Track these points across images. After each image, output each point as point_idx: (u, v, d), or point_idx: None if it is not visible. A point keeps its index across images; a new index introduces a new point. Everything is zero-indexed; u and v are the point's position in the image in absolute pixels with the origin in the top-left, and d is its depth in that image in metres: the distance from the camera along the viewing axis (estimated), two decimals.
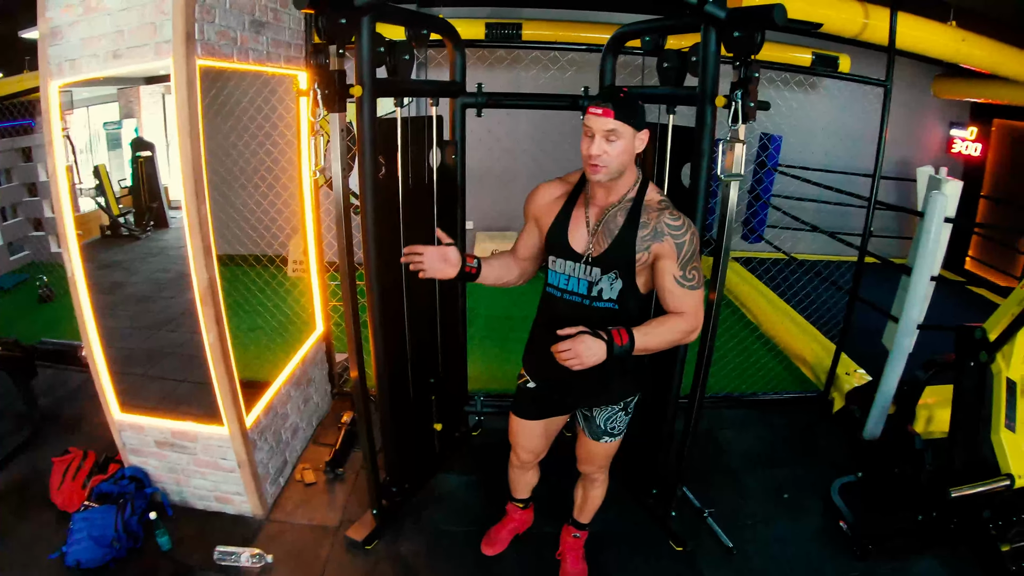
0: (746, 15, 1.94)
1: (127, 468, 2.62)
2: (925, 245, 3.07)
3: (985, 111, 6.99)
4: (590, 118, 1.66)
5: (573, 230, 1.82)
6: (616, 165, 1.69)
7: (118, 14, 2.01)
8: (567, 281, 1.84)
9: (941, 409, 3.24)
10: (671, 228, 1.73)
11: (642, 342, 1.69)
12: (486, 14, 5.61)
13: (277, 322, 3.83)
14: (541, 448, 2.24)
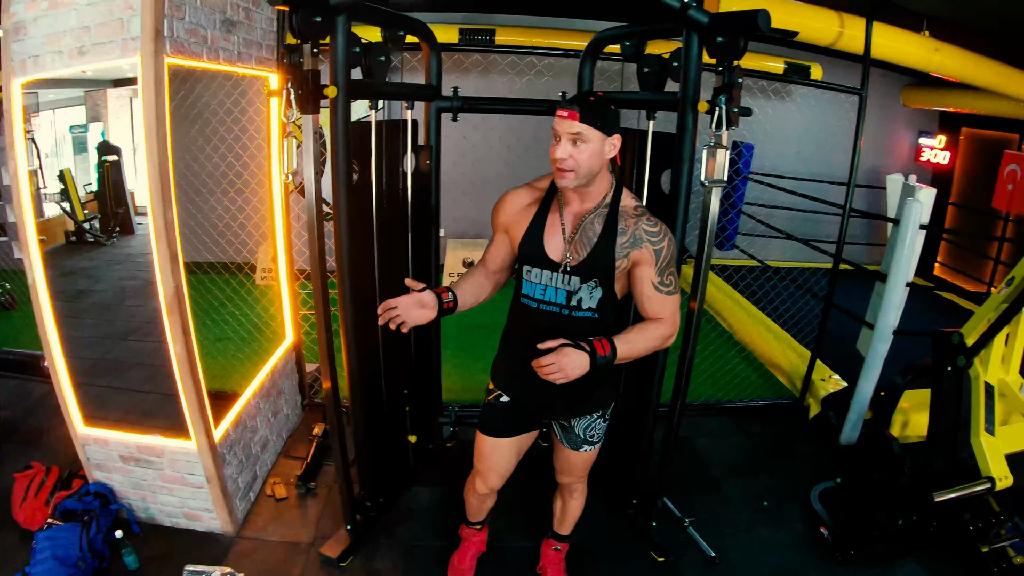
0: (730, 21, 1.93)
1: (91, 484, 2.51)
2: (901, 252, 3.10)
3: (953, 120, 7.17)
4: (557, 121, 1.62)
5: (549, 238, 1.75)
6: (584, 170, 1.63)
7: (84, 9, 1.91)
8: (543, 291, 1.76)
9: (917, 413, 3.27)
10: (649, 234, 1.71)
11: (624, 351, 1.67)
12: (459, 19, 5.58)
13: (246, 331, 3.73)
14: (510, 470, 2.10)
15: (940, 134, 7.30)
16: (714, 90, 1.98)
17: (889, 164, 7.20)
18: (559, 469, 2.16)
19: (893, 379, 2.83)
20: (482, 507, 2.32)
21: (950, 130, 7.23)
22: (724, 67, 1.95)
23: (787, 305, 4.80)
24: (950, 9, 3.40)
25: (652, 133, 2.50)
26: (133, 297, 3.80)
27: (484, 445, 2.04)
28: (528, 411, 1.98)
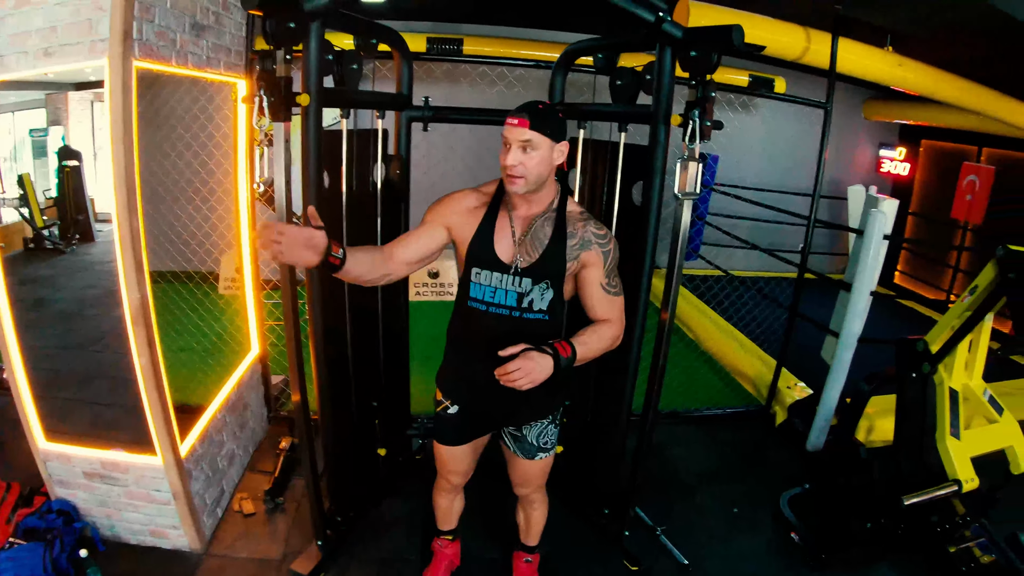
0: (704, 36, 1.96)
1: (54, 501, 2.42)
2: (865, 262, 3.18)
3: (913, 132, 7.41)
4: (507, 128, 1.65)
5: (498, 240, 1.77)
6: (533, 176, 1.67)
7: (52, 8, 1.86)
8: (493, 293, 1.76)
9: (881, 419, 3.35)
10: (597, 237, 1.78)
11: (582, 352, 1.71)
12: (428, 28, 5.56)
13: (210, 342, 3.65)
14: (471, 467, 2.15)
15: (900, 146, 7.53)
16: (687, 104, 2.01)
17: (850, 175, 7.40)
18: (516, 481, 2.14)
19: (859, 386, 2.90)
20: (451, 509, 2.32)
21: (910, 142, 7.46)
22: (697, 81, 1.99)
23: (752, 314, 4.90)
24: (912, 26, 3.52)
25: (624, 145, 2.52)
26: (95, 306, 3.69)
27: (441, 452, 2.08)
28: (477, 419, 1.98)
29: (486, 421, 1.99)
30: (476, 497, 2.57)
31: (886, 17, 3.45)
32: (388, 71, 3.00)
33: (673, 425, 3.80)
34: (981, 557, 2.44)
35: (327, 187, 2.27)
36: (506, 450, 2.06)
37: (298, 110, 1.94)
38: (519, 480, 2.12)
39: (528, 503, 2.23)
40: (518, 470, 2.08)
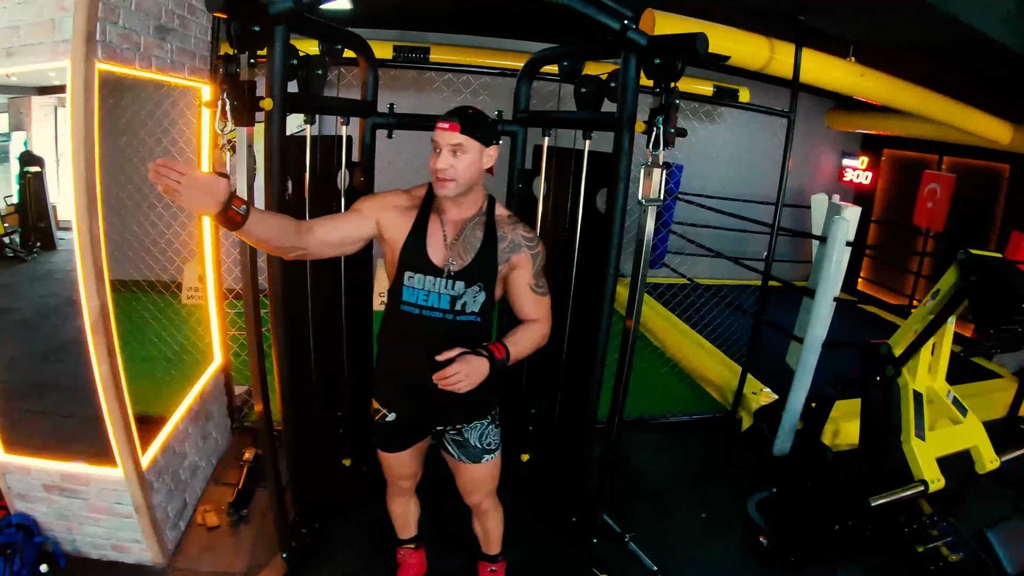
0: (668, 43, 2.00)
1: (14, 515, 2.34)
2: (828, 268, 3.26)
3: (875, 142, 7.61)
4: (437, 133, 1.69)
5: (431, 244, 1.79)
6: (464, 180, 1.71)
7: (14, 7, 1.83)
8: (426, 297, 1.77)
9: (847, 422, 3.42)
10: (526, 240, 1.85)
11: (514, 352, 1.79)
12: (394, 37, 5.57)
13: (172, 352, 3.56)
14: (417, 470, 2.15)
15: (863, 155, 7.72)
16: (651, 111, 2.03)
17: (813, 184, 7.55)
18: (466, 491, 2.11)
19: (824, 390, 2.95)
20: (407, 515, 2.31)
21: (872, 151, 7.66)
22: (661, 88, 2.01)
23: (717, 321, 4.96)
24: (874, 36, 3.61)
25: (588, 153, 2.53)
26: (55, 316, 3.59)
27: (385, 459, 2.07)
28: (415, 425, 1.98)
29: (424, 425, 2.00)
30: (441, 506, 2.57)
31: (848, 28, 3.53)
32: (353, 78, 2.98)
33: (640, 432, 3.82)
34: (949, 556, 2.50)
35: (291, 193, 2.24)
36: (451, 460, 2.04)
37: (261, 115, 1.92)
38: (469, 488, 2.10)
39: (481, 512, 2.21)
40: (466, 477, 2.06)
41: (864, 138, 7.78)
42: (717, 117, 6.94)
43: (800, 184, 7.44)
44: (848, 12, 3.18)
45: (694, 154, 6.14)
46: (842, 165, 7.90)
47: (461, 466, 2.03)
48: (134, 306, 3.77)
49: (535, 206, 2.77)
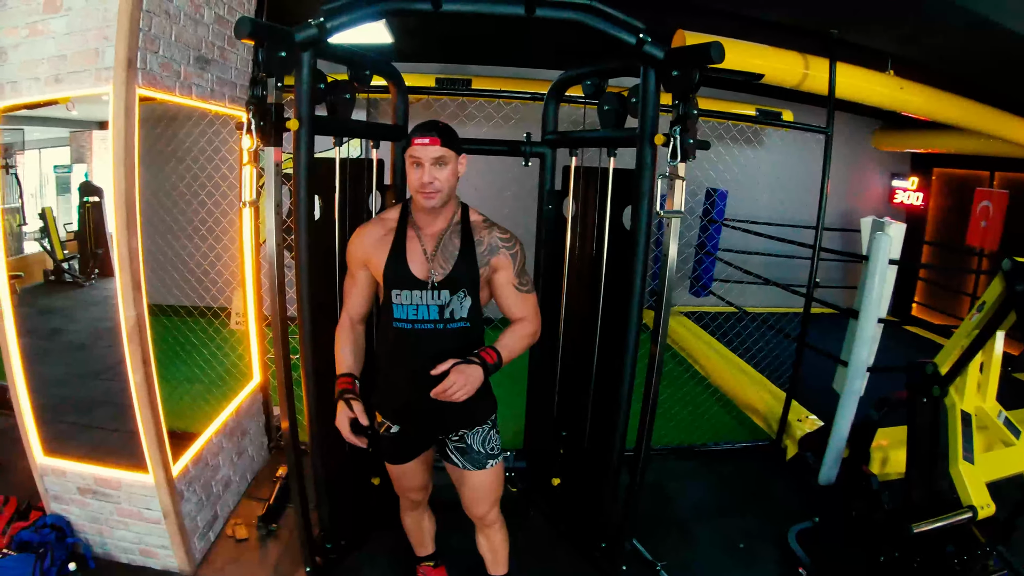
0: (684, 54, 1.99)
1: (48, 516, 2.46)
2: (871, 286, 3.13)
3: (925, 161, 7.33)
4: (418, 149, 1.76)
5: (411, 260, 1.85)
6: (447, 189, 1.80)
7: (62, 38, 1.98)
8: (415, 311, 1.83)
9: (895, 451, 3.24)
10: (503, 242, 1.91)
11: (505, 355, 1.84)
12: (436, 70, 5.77)
13: (216, 374, 3.69)
14: (427, 481, 2.18)
15: (912, 175, 7.44)
16: (670, 122, 2.02)
17: (862, 208, 7.30)
18: (471, 501, 2.09)
19: (867, 413, 2.81)
20: (421, 531, 2.32)
21: (922, 171, 7.38)
22: (680, 100, 2.00)
23: (763, 348, 4.83)
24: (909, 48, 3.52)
25: (613, 170, 2.53)
26: (107, 338, 3.75)
27: (393, 471, 2.10)
28: (418, 434, 2.00)
29: (427, 434, 2.02)
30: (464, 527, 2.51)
31: (880, 39, 3.45)
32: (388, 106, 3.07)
33: (679, 460, 3.71)
34: None
35: (320, 215, 2.30)
36: (455, 471, 2.05)
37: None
38: (473, 498, 2.07)
39: (487, 526, 2.16)
40: (471, 485, 2.04)
41: (913, 158, 7.52)
42: (759, 143, 6.85)
43: (849, 208, 7.24)
44: (879, 23, 3.12)
45: (739, 180, 6.07)
46: (892, 187, 7.63)
47: (466, 475, 2.02)
48: (181, 329, 3.94)
49: (564, 226, 2.77)
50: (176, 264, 4.01)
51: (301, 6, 2.09)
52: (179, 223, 3.95)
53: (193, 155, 3.40)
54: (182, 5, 2.25)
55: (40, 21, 1.99)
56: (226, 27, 2.63)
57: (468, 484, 2.04)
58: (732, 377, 4.81)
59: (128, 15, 1.91)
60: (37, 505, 2.56)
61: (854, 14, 3.10)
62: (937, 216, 7.29)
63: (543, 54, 5.19)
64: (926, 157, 7.24)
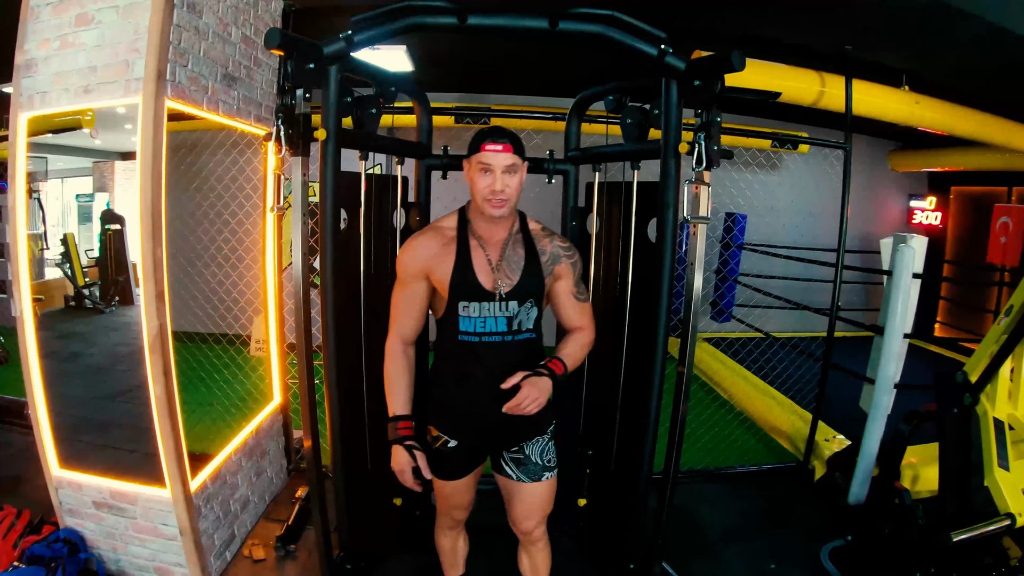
0: (705, 65, 2.00)
1: (62, 530, 2.42)
2: (895, 299, 3.09)
3: (942, 180, 7.32)
4: (489, 155, 1.72)
5: (478, 271, 1.79)
6: (515, 198, 1.77)
7: (93, 50, 2.03)
8: (483, 323, 1.78)
9: (926, 468, 3.15)
10: (564, 250, 1.90)
11: (569, 364, 1.83)
12: (455, 99, 5.91)
13: (238, 397, 3.69)
14: (471, 500, 2.10)
15: (930, 195, 7.43)
16: (694, 129, 2.03)
17: (881, 229, 7.29)
18: (522, 514, 2.01)
19: (897, 427, 2.74)
20: (455, 552, 2.24)
21: (940, 190, 7.37)
22: (702, 108, 2.01)
23: (789, 371, 4.80)
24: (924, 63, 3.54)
25: (637, 184, 2.53)
26: (125, 362, 3.77)
27: (443, 488, 2.02)
28: (477, 448, 1.96)
29: (486, 449, 1.97)
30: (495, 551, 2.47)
31: (893, 55, 3.47)
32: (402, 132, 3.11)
33: (705, 483, 3.63)
34: None
35: (345, 228, 2.31)
36: (508, 483, 1.98)
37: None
38: (524, 511, 2.00)
39: (532, 543, 2.09)
40: (524, 498, 1.98)
41: (930, 177, 7.51)
42: (777, 168, 6.89)
43: (868, 230, 7.24)
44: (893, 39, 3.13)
45: (757, 204, 6.10)
46: (910, 207, 7.62)
47: (520, 487, 1.96)
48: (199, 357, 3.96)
49: (589, 243, 2.76)
50: (196, 291, 4.04)
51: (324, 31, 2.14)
52: (200, 251, 3.99)
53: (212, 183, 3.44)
54: (211, 23, 2.31)
55: (71, 34, 2.04)
56: (252, 47, 2.69)
57: (520, 497, 1.98)
58: (757, 400, 4.75)
59: (159, 28, 1.96)
60: (51, 519, 2.54)
61: (867, 31, 3.12)
62: (956, 235, 7.24)
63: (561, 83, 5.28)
64: (943, 176, 7.23)
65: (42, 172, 3.89)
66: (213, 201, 3.52)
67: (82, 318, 4.85)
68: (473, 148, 1.75)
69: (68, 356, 3.77)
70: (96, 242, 5.23)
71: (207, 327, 4.04)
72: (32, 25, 2.09)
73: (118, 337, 4.69)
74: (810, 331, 5.58)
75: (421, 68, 4.59)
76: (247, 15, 2.61)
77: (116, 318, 4.88)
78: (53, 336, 2.78)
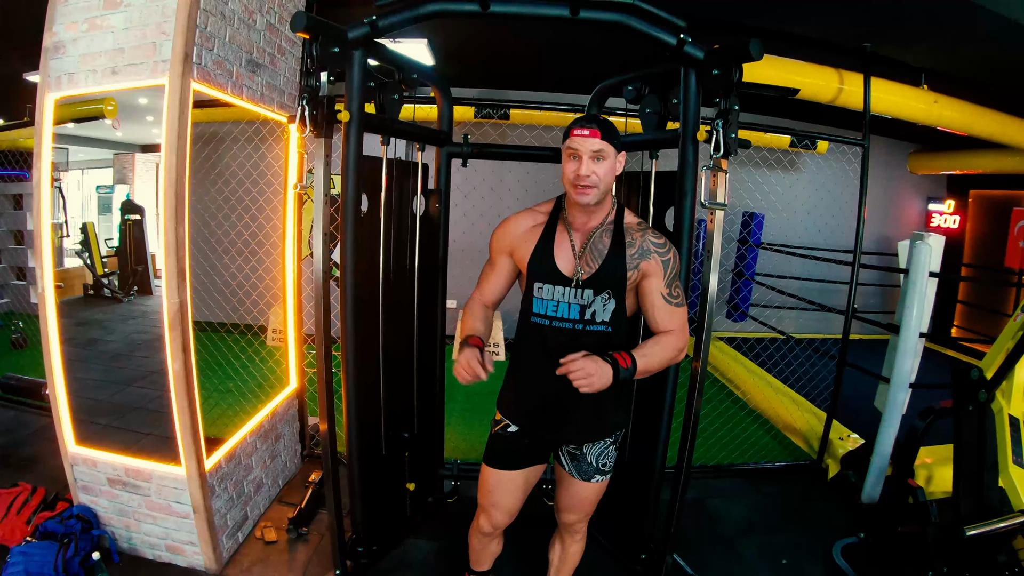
0: (723, 52, 2.00)
1: (75, 507, 2.46)
2: (912, 297, 3.06)
3: (961, 183, 7.25)
4: (576, 140, 1.67)
5: (559, 254, 1.77)
6: (604, 185, 1.70)
7: (120, 32, 2.07)
8: (555, 307, 1.75)
9: (941, 468, 3.12)
10: (656, 246, 1.76)
11: (643, 364, 1.67)
12: (475, 95, 5.93)
13: (256, 383, 3.73)
14: (518, 506, 2.00)
15: (949, 198, 7.37)
16: (713, 117, 2.03)
17: (900, 232, 7.23)
18: (565, 506, 2.00)
19: (912, 424, 2.72)
20: (486, 551, 2.16)
21: (958, 194, 7.30)
22: (721, 96, 2.01)
23: (802, 367, 4.77)
24: (943, 60, 3.51)
25: (656, 173, 2.54)
26: (143, 349, 3.83)
27: (490, 478, 1.94)
28: (537, 440, 1.90)
29: (545, 442, 1.92)
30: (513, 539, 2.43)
31: (912, 51, 3.45)
32: None
33: (719, 479, 3.61)
34: None
35: (366, 212, 2.33)
36: (560, 471, 1.96)
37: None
38: (568, 505, 1.99)
39: (570, 534, 2.08)
40: (571, 493, 1.96)
41: (949, 180, 7.45)
42: (795, 168, 6.86)
43: (886, 233, 7.20)
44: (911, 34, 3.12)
45: (775, 204, 6.08)
46: (928, 211, 7.56)
47: (570, 480, 1.94)
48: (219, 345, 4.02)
49: None
50: (216, 281, 4.09)
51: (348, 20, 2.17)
52: (220, 240, 4.04)
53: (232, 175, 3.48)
54: (236, 9, 2.34)
55: (99, 16, 2.08)
56: (276, 35, 2.72)
57: (568, 490, 1.97)
58: (772, 398, 4.73)
59: (186, 11, 2.00)
60: (65, 496, 2.57)
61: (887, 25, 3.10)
62: (975, 239, 7.17)
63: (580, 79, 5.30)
64: (962, 179, 7.17)
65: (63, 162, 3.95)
66: (233, 190, 3.56)
67: (101, 306, 4.92)
68: (565, 135, 1.72)
69: (86, 342, 3.83)
70: (116, 232, 5.29)
71: (227, 316, 4.10)
72: (61, 8, 2.13)
73: (136, 325, 4.75)
74: (828, 333, 5.55)
75: (442, 62, 4.63)
76: (272, 2, 2.65)
77: (134, 307, 4.94)
78: (72, 323, 2.80)
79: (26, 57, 2.38)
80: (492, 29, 3.86)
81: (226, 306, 4.03)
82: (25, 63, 4.26)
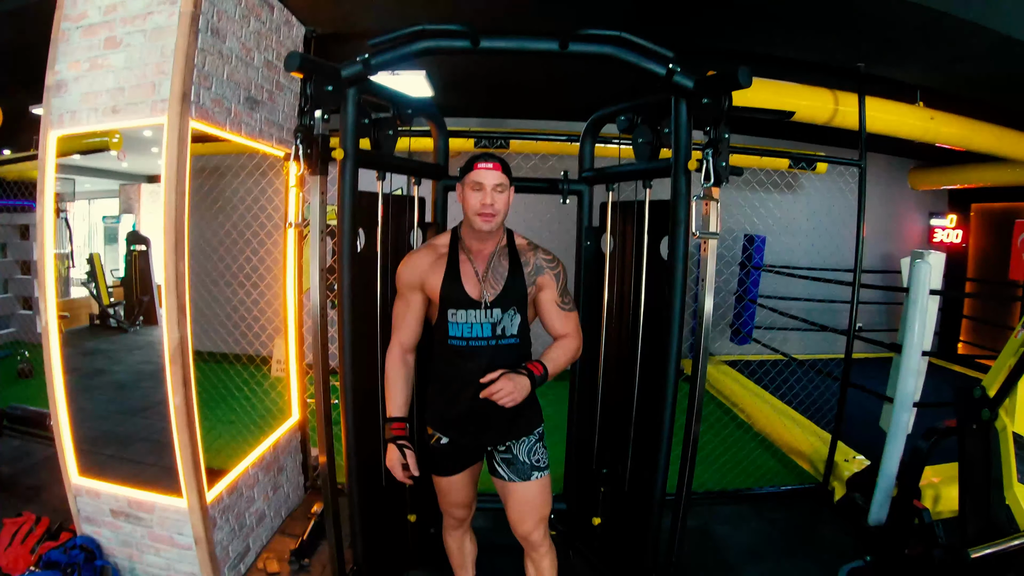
0: (713, 82, 2.03)
1: (79, 537, 2.47)
2: (913, 316, 3.05)
3: (962, 197, 7.25)
4: (481, 173, 1.89)
5: (466, 281, 1.96)
6: (503, 213, 1.94)
7: (120, 71, 2.13)
8: (471, 329, 1.94)
9: (947, 487, 3.09)
10: (547, 262, 2.05)
11: (552, 368, 1.95)
12: (475, 124, 6.01)
13: (258, 415, 3.74)
14: (471, 498, 2.20)
15: (950, 213, 7.36)
16: (703, 146, 2.05)
17: (902, 249, 7.20)
18: (518, 518, 2.07)
19: (916, 444, 2.70)
20: (463, 553, 2.33)
21: (960, 208, 7.30)
22: (711, 125, 2.03)
23: (806, 389, 4.75)
24: (938, 77, 3.53)
25: (649, 202, 2.55)
26: (148, 380, 3.84)
27: (441, 484, 2.14)
28: (466, 445, 2.06)
29: (475, 446, 2.07)
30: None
31: (906, 70, 3.47)
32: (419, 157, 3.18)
33: (723, 504, 3.58)
34: None
35: (363, 246, 2.35)
36: (502, 485, 2.07)
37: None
38: (519, 514, 2.06)
39: (534, 549, 2.11)
40: (516, 502, 2.05)
41: (950, 195, 7.44)
42: (794, 189, 6.89)
43: (889, 250, 7.18)
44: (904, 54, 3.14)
45: (775, 225, 6.10)
46: (930, 226, 7.54)
47: (512, 487, 2.05)
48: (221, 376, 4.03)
49: (603, 262, 2.78)
50: (219, 312, 4.12)
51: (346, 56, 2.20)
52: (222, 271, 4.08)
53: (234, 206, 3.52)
54: (234, 47, 2.40)
55: (100, 56, 2.15)
56: (274, 71, 2.78)
57: (513, 497, 2.06)
58: (776, 421, 4.70)
59: (184, 52, 2.05)
60: (68, 527, 2.60)
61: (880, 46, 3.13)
62: (978, 253, 7.15)
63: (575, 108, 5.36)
64: (963, 193, 7.17)
65: (70, 193, 4.00)
66: (235, 224, 3.60)
67: (106, 336, 4.96)
68: (466, 169, 1.93)
69: (92, 372, 3.85)
70: (122, 262, 5.35)
71: (230, 347, 4.12)
72: (63, 47, 2.20)
73: (142, 356, 4.78)
74: (832, 353, 5.51)
75: (441, 93, 4.70)
76: (269, 40, 2.71)
77: (140, 337, 4.98)
78: (78, 353, 2.84)
79: (31, 88, 2.45)
80: (489, 61, 3.92)
81: (228, 338, 4.05)
82: (31, 96, 4.34)
